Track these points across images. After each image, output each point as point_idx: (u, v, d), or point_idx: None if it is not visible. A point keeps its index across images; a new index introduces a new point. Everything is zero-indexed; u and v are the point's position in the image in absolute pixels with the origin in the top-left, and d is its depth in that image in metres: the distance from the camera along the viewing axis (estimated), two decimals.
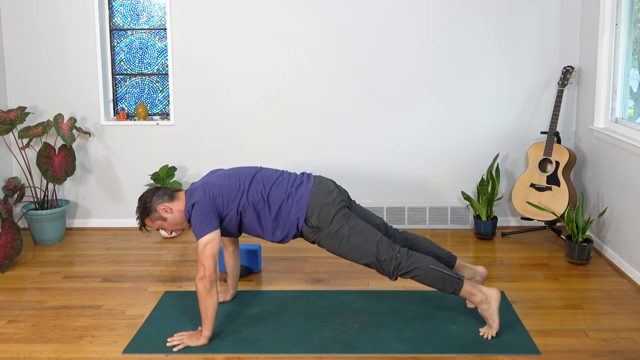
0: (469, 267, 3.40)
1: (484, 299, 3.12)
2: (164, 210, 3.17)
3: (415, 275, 3.11)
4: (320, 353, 3.00)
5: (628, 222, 3.96)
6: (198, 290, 3.04)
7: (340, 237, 3.14)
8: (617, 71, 4.24)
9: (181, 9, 4.71)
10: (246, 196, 3.17)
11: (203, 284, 3.02)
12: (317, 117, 4.80)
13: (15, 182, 4.67)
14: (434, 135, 4.81)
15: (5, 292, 3.78)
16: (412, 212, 4.88)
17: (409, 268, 3.10)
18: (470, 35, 4.69)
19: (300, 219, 3.17)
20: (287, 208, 3.18)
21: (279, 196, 3.19)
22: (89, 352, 3.04)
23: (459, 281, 3.10)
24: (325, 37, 4.71)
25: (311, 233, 3.19)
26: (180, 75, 4.79)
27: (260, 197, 3.18)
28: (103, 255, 4.38)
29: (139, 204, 3.21)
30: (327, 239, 3.16)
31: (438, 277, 3.10)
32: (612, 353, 2.98)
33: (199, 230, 3.06)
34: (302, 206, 3.17)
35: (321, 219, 3.15)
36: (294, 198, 3.19)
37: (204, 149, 4.87)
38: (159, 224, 3.21)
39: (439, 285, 3.12)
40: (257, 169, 3.32)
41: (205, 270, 3.01)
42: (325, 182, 3.29)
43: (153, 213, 3.18)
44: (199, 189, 3.17)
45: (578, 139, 4.72)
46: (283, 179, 3.27)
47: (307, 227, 3.18)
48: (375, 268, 3.16)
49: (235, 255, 3.54)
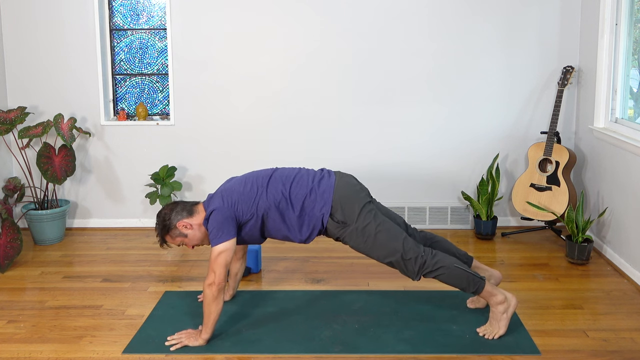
0: (485, 269, 3.40)
1: (504, 299, 3.11)
2: (184, 227, 3.10)
3: (440, 274, 3.09)
4: (320, 353, 3.00)
5: (628, 222, 3.96)
6: (205, 295, 3.01)
7: (367, 234, 3.08)
8: (617, 71, 4.24)
9: (181, 9, 4.71)
10: (265, 196, 3.10)
11: (211, 290, 2.99)
12: (317, 117, 4.80)
13: (15, 182, 4.67)
14: (434, 135, 4.81)
15: (5, 292, 3.78)
16: (412, 212, 4.88)
17: (435, 267, 3.08)
18: (470, 35, 4.69)
19: (326, 214, 3.09)
20: (311, 203, 3.10)
21: (301, 192, 3.12)
22: (89, 352, 3.04)
23: (482, 281, 3.10)
24: (326, 37, 4.71)
25: (337, 229, 3.11)
26: (180, 75, 4.79)
27: (281, 196, 3.11)
28: (103, 255, 4.38)
29: (157, 221, 3.15)
30: (353, 235, 3.10)
31: (462, 276, 3.08)
32: (612, 353, 2.98)
33: (215, 237, 3.01)
34: (326, 200, 3.10)
35: (347, 214, 3.09)
36: (317, 192, 3.11)
37: (204, 149, 4.87)
38: (179, 240, 3.14)
39: (462, 285, 3.09)
40: (273, 170, 3.25)
41: (216, 277, 2.98)
42: (347, 176, 3.24)
43: (173, 230, 3.11)
44: (216, 197, 3.11)
45: (578, 139, 4.72)
46: (302, 175, 3.20)
47: (332, 222, 3.10)
48: (398, 267, 3.11)
49: (243, 260, 3.53)
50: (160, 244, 3.19)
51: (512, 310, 3.13)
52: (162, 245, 3.20)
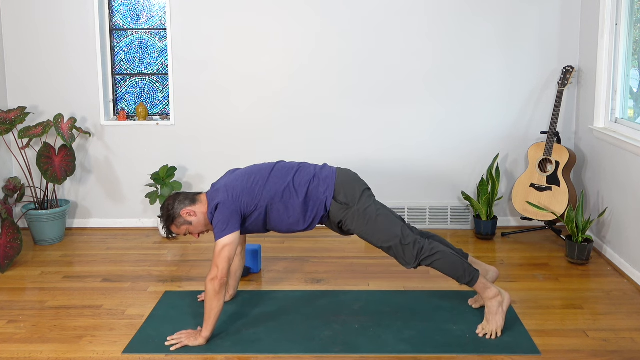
0: (480, 264, 3.45)
1: (498, 293, 3.17)
2: (188, 214, 3.17)
3: (437, 260, 3.16)
4: (320, 353, 3.00)
5: (628, 222, 3.96)
6: (207, 290, 3.04)
7: (368, 216, 3.17)
8: (617, 71, 4.24)
9: (181, 8, 4.71)
10: (270, 187, 3.18)
11: (213, 285, 3.01)
12: (316, 116, 4.80)
13: (15, 182, 4.67)
14: (434, 135, 4.81)
15: (5, 292, 3.78)
16: (412, 212, 4.88)
17: (432, 252, 3.16)
18: (470, 35, 4.69)
19: (329, 197, 3.18)
20: (315, 187, 3.20)
21: (305, 178, 3.22)
22: (89, 352, 3.04)
23: (476, 272, 3.18)
24: (325, 37, 4.71)
25: (340, 211, 3.18)
26: (180, 75, 4.79)
27: (285, 185, 3.19)
28: (103, 255, 4.38)
29: (162, 213, 3.23)
30: (355, 217, 3.17)
31: (458, 263, 3.17)
32: (612, 353, 2.98)
33: (220, 230, 3.06)
34: (329, 184, 3.20)
35: (349, 196, 3.19)
36: (320, 178, 3.23)
37: (204, 149, 4.87)
38: (185, 228, 3.21)
39: (457, 273, 3.17)
40: (275, 163, 3.35)
41: (219, 271, 3.01)
42: (347, 169, 3.37)
43: (178, 219, 3.18)
44: (221, 190, 3.16)
45: (578, 139, 4.72)
46: (304, 166, 3.32)
47: (335, 205, 3.18)
48: (397, 252, 3.18)
49: (241, 256, 3.54)
50: (167, 235, 3.25)
51: (507, 304, 3.18)
52: (168, 236, 3.26)
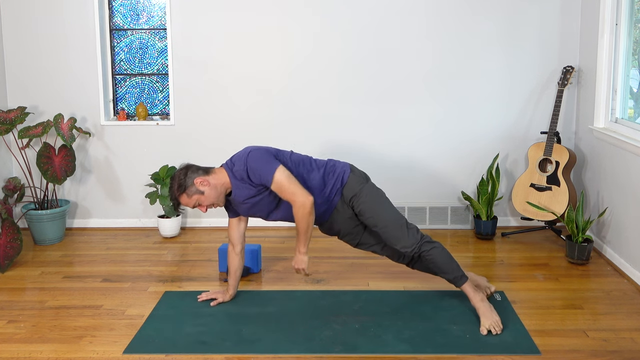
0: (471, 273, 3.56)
1: (484, 297, 3.30)
2: (201, 184, 3.14)
3: (435, 248, 3.29)
4: (320, 353, 3.00)
5: (628, 222, 3.96)
6: (297, 217, 3.13)
7: (380, 193, 3.35)
8: (617, 71, 4.24)
9: (181, 9, 4.71)
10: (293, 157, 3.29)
11: (303, 211, 3.11)
12: (316, 116, 4.80)
13: (15, 182, 4.67)
14: (434, 135, 4.81)
15: (5, 292, 3.78)
16: (412, 212, 4.88)
17: (432, 241, 3.32)
18: (470, 35, 4.69)
19: (347, 171, 3.32)
20: (332, 164, 3.34)
21: (322, 161, 3.38)
22: (89, 352, 3.04)
23: (465, 276, 3.32)
24: (325, 37, 4.71)
25: (357, 183, 3.29)
26: (180, 75, 4.79)
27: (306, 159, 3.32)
28: (103, 255, 4.38)
29: (172, 183, 3.17)
30: (370, 191, 3.30)
31: (451, 259, 3.32)
32: (612, 353, 2.98)
33: (268, 171, 3.10)
34: (344, 164, 3.37)
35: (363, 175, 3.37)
36: (334, 160, 3.40)
37: (204, 148, 4.87)
38: (196, 198, 3.16)
39: (449, 268, 3.30)
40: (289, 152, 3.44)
41: (299, 195, 3.10)
42: None
43: (190, 188, 3.14)
44: (242, 152, 3.22)
45: (578, 139, 4.72)
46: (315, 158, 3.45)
47: (353, 177, 3.30)
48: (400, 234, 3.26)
49: (241, 255, 3.53)
50: (175, 207, 3.21)
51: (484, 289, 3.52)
52: (176, 208, 3.23)
